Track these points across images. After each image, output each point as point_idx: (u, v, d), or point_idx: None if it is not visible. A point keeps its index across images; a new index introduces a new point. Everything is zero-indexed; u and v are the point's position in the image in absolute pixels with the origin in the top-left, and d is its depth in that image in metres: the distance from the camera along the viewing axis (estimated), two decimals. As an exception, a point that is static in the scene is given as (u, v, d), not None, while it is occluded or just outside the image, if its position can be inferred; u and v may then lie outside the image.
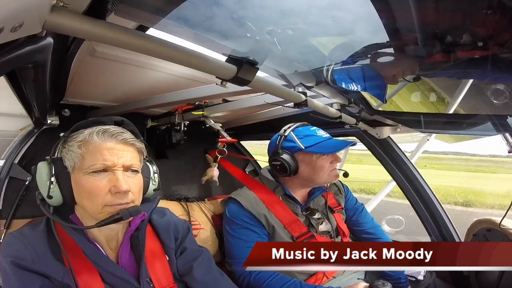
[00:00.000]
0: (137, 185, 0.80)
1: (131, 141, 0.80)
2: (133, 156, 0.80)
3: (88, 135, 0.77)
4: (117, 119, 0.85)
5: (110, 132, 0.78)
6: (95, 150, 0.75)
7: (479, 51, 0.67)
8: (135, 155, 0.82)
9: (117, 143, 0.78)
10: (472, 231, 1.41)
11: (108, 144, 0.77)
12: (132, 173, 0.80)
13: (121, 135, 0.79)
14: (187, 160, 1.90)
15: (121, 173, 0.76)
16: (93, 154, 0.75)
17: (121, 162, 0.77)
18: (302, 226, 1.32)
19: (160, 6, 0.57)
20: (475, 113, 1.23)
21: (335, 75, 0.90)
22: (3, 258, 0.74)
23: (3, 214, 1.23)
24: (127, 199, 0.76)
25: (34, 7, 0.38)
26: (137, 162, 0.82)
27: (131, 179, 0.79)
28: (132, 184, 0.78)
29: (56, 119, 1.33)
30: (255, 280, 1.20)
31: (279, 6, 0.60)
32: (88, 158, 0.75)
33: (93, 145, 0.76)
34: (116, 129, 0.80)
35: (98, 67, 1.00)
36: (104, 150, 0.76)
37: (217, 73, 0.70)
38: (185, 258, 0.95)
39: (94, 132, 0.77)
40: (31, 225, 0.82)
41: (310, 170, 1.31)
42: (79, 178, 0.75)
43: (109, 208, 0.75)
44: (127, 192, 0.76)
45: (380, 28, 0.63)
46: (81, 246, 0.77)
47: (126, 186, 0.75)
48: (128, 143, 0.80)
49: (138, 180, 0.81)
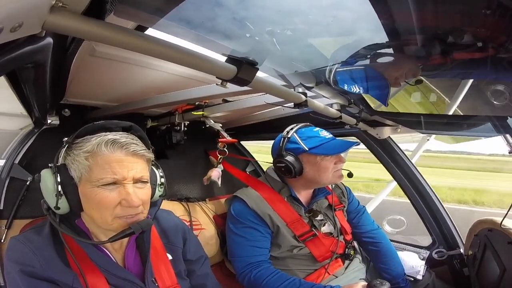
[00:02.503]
0: (146, 196, 0.79)
1: (141, 152, 0.77)
2: (143, 168, 0.78)
3: (97, 146, 0.73)
4: (124, 125, 0.81)
5: (120, 143, 0.74)
6: (103, 163, 0.72)
7: (482, 52, 0.66)
8: (144, 166, 0.79)
9: (126, 155, 0.75)
10: (473, 231, 1.41)
11: (117, 156, 0.73)
12: (142, 184, 0.78)
13: (131, 146, 0.75)
14: (187, 160, 1.90)
15: (132, 186, 0.74)
16: (102, 166, 0.72)
17: (131, 175, 0.74)
18: (304, 225, 1.32)
19: (159, 6, 0.57)
20: (475, 114, 1.23)
21: (337, 77, 0.90)
22: (10, 263, 0.73)
23: (4, 215, 1.23)
24: (137, 211, 0.75)
25: (33, 7, 0.38)
26: (146, 173, 0.80)
27: (141, 191, 0.77)
28: (141, 195, 0.77)
29: (56, 119, 1.33)
30: (255, 278, 1.20)
31: (278, 6, 0.60)
32: (96, 170, 0.72)
33: (101, 157, 0.72)
34: (124, 138, 0.76)
35: (98, 67, 1.00)
36: (113, 163, 0.73)
37: (217, 73, 0.70)
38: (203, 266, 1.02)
39: (103, 143, 0.73)
40: (34, 229, 0.81)
41: (314, 171, 1.31)
42: (87, 190, 0.73)
43: (119, 220, 0.74)
44: (139, 206, 0.75)
45: (384, 31, 0.63)
46: (86, 251, 0.77)
47: (137, 201, 0.74)
48: (138, 155, 0.77)
49: (147, 191, 0.80)
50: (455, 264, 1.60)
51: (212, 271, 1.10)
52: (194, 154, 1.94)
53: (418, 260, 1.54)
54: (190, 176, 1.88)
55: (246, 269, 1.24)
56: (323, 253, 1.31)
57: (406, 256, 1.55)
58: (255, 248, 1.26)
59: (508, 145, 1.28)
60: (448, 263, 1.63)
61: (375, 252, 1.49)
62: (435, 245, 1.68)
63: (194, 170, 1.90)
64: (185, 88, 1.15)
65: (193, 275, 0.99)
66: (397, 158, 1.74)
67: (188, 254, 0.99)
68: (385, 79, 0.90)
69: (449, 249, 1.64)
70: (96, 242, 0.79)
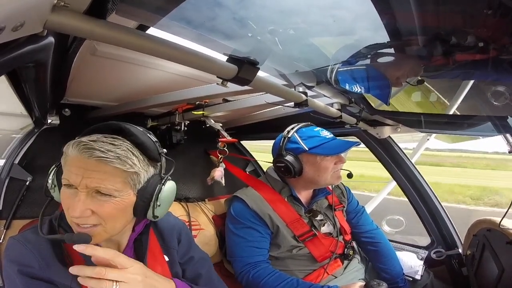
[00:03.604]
0: (104, 211, 0.69)
1: (107, 159, 0.67)
2: (106, 178, 0.68)
3: (70, 146, 0.70)
4: (115, 127, 0.75)
5: (86, 146, 0.68)
6: (67, 164, 0.71)
7: (483, 53, 0.66)
8: (112, 176, 0.69)
9: (89, 159, 0.67)
10: (472, 231, 1.41)
11: (79, 159, 0.68)
12: (101, 196, 0.69)
13: (93, 152, 0.67)
14: (187, 160, 1.89)
15: (84, 195, 0.68)
16: (66, 167, 0.71)
17: (84, 183, 0.67)
18: (304, 225, 1.32)
19: (160, 5, 0.57)
20: (476, 114, 1.23)
21: (339, 76, 0.90)
22: (8, 263, 0.73)
23: (3, 215, 1.23)
24: (86, 222, 0.69)
25: (35, 7, 0.38)
26: (112, 184, 0.69)
27: (98, 203, 0.69)
28: (97, 208, 0.69)
29: (57, 118, 1.32)
30: (253, 278, 1.20)
31: (280, 6, 0.60)
32: (64, 170, 0.72)
33: (68, 157, 0.71)
34: (95, 142, 0.69)
35: (99, 66, 1.00)
36: (73, 166, 0.69)
37: (217, 73, 0.70)
38: (193, 267, 0.97)
39: (71, 144, 0.70)
40: (32, 229, 0.80)
41: (314, 171, 1.31)
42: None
43: (74, 225, 0.71)
44: (82, 216, 0.68)
45: (386, 31, 0.63)
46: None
47: (79, 210, 0.67)
48: (103, 162, 0.67)
49: (108, 205, 0.70)
50: (453, 264, 1.61)
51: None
52: (194, 154, 1.94)
53: (416, 260, 1.54)
54: (189, 176, 1.87)
55: (244, 269, 1.24)
56: (322, 253, 1.31)
57: (405, 256, 1.55)
58: (254, 248, 1.26)
59: (508, 145, 1.28)
60: (447, 263, 1.63)
61: (374, 252, 1.50)
62: (434, 245, 1.69)
63: (194, 170, 1.90)
64: (186, 87, 1.15)
65: (184, 276, 0.96)
66: (397, 157, 1.74)
67: (178, 255, 0.97)
68: (387, 78, 0.90)
69: (448, 249, 1.64)
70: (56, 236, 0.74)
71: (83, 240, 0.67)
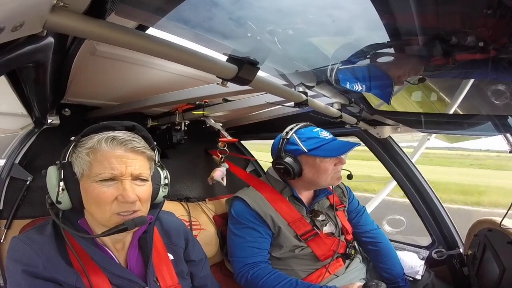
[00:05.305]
0: (145, 194, 0.79)
1: (141, 149, 0.78)
2: (142, 165, 0.78)
3: (97, 142, 0.75)
4: (128, 124, 0.83)
5: (119, 140, 0.76)
6: (103, 159, 0.74)
7: (483, 52, 0.66)
8: (145, 164, 0.80)
9: (126, 151, 0.76)
10: (473, 231, 1.41)
11: (117, 152, 0.75)
12: (140, 181, 0.78)
13: (130, 143, 0.77)
14: (188, 160, 1.90)
15: (129, 182, 0.75)
16: (101, 162, 0.74)
17: (130, 171, 0.75)
18: (306, 224, 1.32)
19: (160, 6, 0.57)
20: (476, 113, 1.23)
21: (339, 75, 0.90)
22: (12, 263, 0.73)
23: (4, 215, 1.23)
24: (134, 208, 0.76)
25: (34, 7, 0.38)
26: (146, 170, 0.80)
27: (139, 188, 0.77)
28: (140, 193, 0.77)
29: (57, 118, 1.33)
30: (252, 278, 1.20)
31: (279, 6, 0.60)
32: (96, 166, 0.74)
33: (101, 153, 0.74)
34: (125, 136, 0.77)
35: (99, 66, 1.00)
36: (112, 159, 0.74)
37: (218, 73, 0.70)
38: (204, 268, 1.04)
39: (103, 139, 0.75)
40: (36, 228, 0.81)
41: (313, 173, 1.30)
42: (87, 185, 0.74)
43: (116, 216, 0.74)
44: (135, 201, 0.75)
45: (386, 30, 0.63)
46: (88, 251, 0.77)
47: (133, 196, 0.75)
48: (137, 152, 0.78)
49: (146, 189, 0.80)
50: (454, 264, 1.61)
51: (212, 271, 1.10)
52: (194, 154, 1.94)
53: (417, 260, 1.54)
54: (190, 176, 1.87)
55: (243, 269, 1.23)
56: (325, 252, 1.31)
57: (406, 256, 1.55)
58: (254, 249, 1.26)
59: (509, 144, 1.28)
60: (448, 263, 1.63)
61: (374, 252, 1.49)
62: (435, 245, 1.69)
63: (194, 170, 1.90)
64: (186, 87, 1.15)
65: (195, 276, 1.00)
66: (397, 157, 1.74)
67: (191, 255, 1.00)
68: (389, 77, 0.90)
69: (449, 249, 1.64)
70: (90, 236, 0.79)
71: (142, 222, 0.76)
